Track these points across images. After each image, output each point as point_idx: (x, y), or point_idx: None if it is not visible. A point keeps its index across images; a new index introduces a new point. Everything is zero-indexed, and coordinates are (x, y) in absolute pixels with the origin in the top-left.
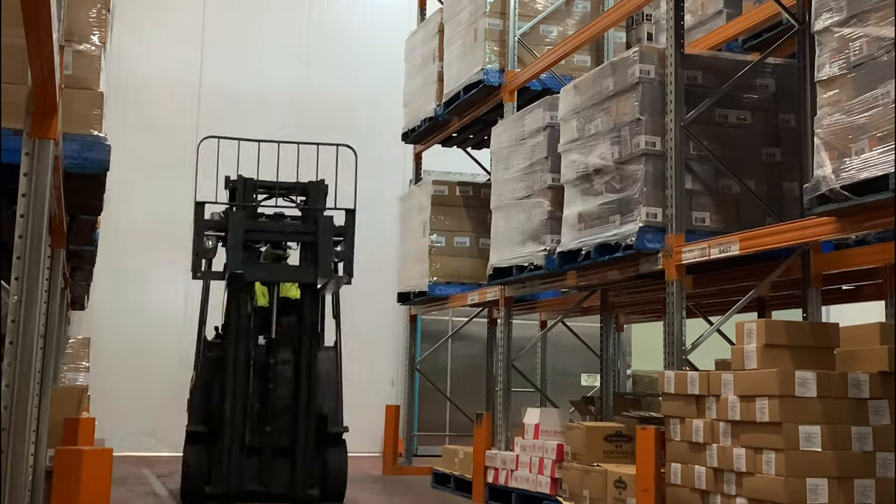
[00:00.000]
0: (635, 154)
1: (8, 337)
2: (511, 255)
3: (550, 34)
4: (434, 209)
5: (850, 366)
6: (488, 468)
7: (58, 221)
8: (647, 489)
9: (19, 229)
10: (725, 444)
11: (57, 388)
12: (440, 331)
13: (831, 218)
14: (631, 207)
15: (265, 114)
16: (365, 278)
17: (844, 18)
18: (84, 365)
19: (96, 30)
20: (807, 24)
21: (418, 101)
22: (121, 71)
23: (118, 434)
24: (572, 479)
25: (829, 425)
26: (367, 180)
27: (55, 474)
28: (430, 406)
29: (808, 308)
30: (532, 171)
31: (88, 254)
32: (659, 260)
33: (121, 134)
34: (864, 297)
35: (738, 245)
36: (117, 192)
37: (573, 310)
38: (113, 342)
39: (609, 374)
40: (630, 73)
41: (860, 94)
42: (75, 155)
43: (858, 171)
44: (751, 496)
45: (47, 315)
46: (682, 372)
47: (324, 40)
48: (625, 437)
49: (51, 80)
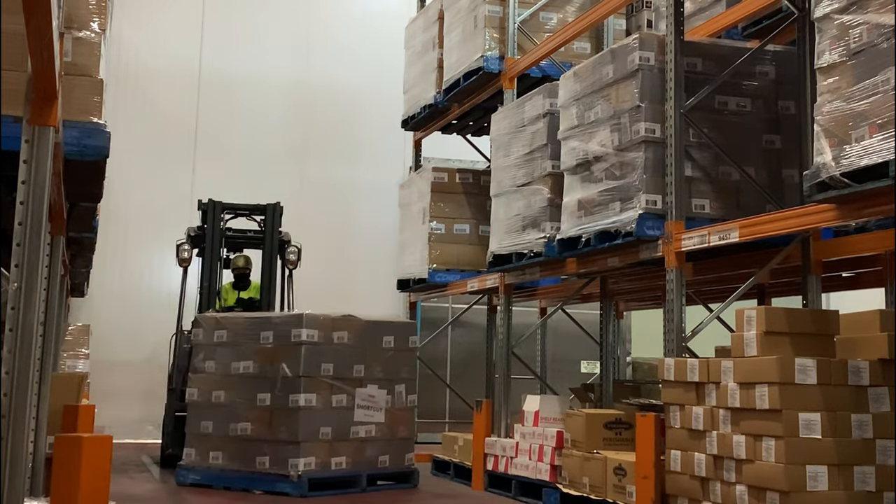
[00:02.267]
0: (635, 141)
1: (8, 324)
2: (511, 242)
3: (550, 21)
4: (434, 196)
5: (851, 353)
6: (488, 455)
7: (57, 209)
8: (647, 476)
9: (19, 216)
10: (725, 432)
11: (56, 375)
12: (440, 318)
13: (831, 205)
14: (631, 194)
15: (265, 101)
16: (364, 265)
17: (844, 5)
18: (84, 352)
19: (96, 17)
20: (807, 11)
21: (418, 87)
22: (121, 58)
23: (118, 421)
24: (572, 466)
25: (829, 412)
26: (367, 167)
27: (55, 461)
28: (430, 393)
29: (808, 295)
30: (532, 158)
31: (88, 241)
32: (659, 247)
33: (121, 121)
34: (864, 284)
35: (738, 232)
36: (117, 180)
37: (573, 297)
38: (113, 329)
39: (609, 361)
40: (630, 60)
41: (860, 82)
42: (75, 142)
43: (858, 158)
44: (751, 483)
45: (47, 302)
46: (682, 359)
47: (323, 27)
48: (624, 425)
49: (50, 67)
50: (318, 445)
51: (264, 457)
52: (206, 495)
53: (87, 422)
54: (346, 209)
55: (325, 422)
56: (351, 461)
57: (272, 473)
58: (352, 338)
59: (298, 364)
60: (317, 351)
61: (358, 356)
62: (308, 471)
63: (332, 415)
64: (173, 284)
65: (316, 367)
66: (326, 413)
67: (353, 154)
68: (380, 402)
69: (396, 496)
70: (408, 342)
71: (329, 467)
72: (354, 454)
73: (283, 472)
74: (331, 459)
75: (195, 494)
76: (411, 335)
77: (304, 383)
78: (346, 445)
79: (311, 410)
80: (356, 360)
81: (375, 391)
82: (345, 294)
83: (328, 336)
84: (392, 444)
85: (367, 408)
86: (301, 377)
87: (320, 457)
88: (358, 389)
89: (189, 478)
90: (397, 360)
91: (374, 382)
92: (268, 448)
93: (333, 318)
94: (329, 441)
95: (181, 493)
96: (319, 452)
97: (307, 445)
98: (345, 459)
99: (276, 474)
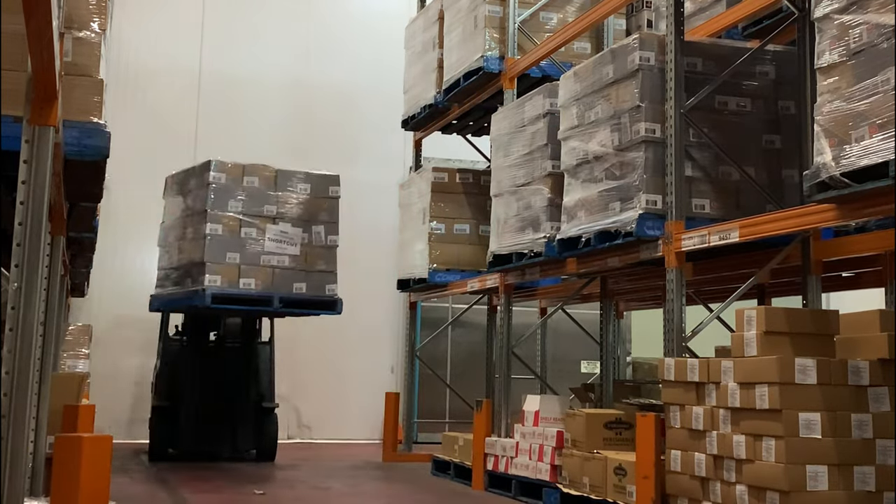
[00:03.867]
0: (635, 141)
1: (8, 324)
2: (511, 242)
3: (550, 21)
4: (434, 196)
5: (850, 353)
6: (488, 455)
7: (58, 208)
8: (647, 476)
9: (19, 216)
10: (725, 432)
11: (57, 375)
12: (440, 318)
13: (831, 205)
14: (631, 194)
15: (265, 101)
16: (365, 265)
17: (844, 5)
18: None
19: (96, 17)
20: (807, 11)
21: (418, 88)
22: (121, 58)
23: (118, 421)
24: (572, 466)
25: (829, 412)
26: (367, 167)
27: (55, 461)
28: (430, 393)
29: (807, 295)
30: (532, 158)
31: (88, 241)
32: (659, 247)
33: (121, 121)
34: (864, 284)
35: (738, 232)
36: (117, 180)
37: (573, 297)
38: (113, 329)
39: (609, 361)
40: (630, 60)
41: (860, 82)
42: (75, 142)
43: (858, 158)
44: (751, 483)
45: (47, 302)
46: (682, 359)
47: (324, 27)
48: (625, 425)
49: (51, 67)
50: (225, 268)
51: (188, 278)
52: (206, 494)
53: (87, 422)
54: (346, 209)
55: (232, 248)
56: (261, 283)
57: (189, 291)
58: (262, 182)
59: (206, 201)
60: (226, 189)
61: (270, 199)
62: (213, 286)
63: (239, 242)
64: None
65: (223, 204)
66: (234, 241)
67: (353, 154)
68: (294, 239)
69: (388, 488)
70: (328, 191)
71: (237, 286)
72: (265, 279)
73: (197, 288)
74: (239, 280)
75: (195, 494)
76: (332, 186)
77: (210, 216)
78: (256, 270)
79: (217, 238)
80: (267, 202)
81: (289, 228)
82: (345, 294)
83: (237, 180)
84: (310, 275)
85: (279, 241)
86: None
87: (227, 277)
88: (269, 226)
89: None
90: (314, 205)
91: (287, 221)
92: (191, 271)
93: (245, 165)
94: (237, 265)
95: (181, 493)
96: (227, 273)
97: (213, 266)
98: (254, 281)
99: (191, 291)
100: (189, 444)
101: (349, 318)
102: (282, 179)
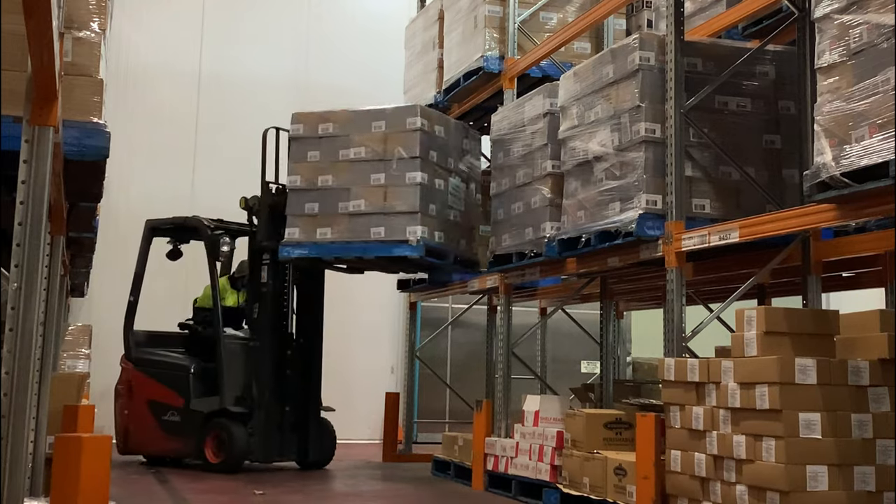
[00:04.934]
0: (635, 141)
1: (8, 324)
2: (511, 242)
3: (550, 21)
4: None
5: (850, 353)
6: (488, 455)
7: (57, 208)
8: (647, 476)
9: (19, 216)
10: (725, 432)
11: (56, 375)
12: (440, 318)
13: (831, 205)
14: (631, 194)
15: (265, 101)
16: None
17: (844, 5)
18: (84, 352)
19: (96, 17)
20: (807, 10)
21: (418, 88)
22: (120, 58)
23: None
24: (572, 466)
25: (829, 412)
26: None
27: (55, 461)
28: (430, 393)
29: (807, 295)
30: (532, 158)
31: (88, 241)
32: (659, 247)
33: (121, 121)
34: (864, 284)
35: (738, 232)
36: (117, 180)
37: (573, 297)
38: (113, 330)
39: (609, 361)
40: (630, 60)
41: (860, 82)
42: (75, 142)
43: (858, 158)
44: (751, 483)
45: (47, 302)
46: (682, 359)
47: (324, 27)
48: (625, 425)
49: (50, 67)
50: (428, 219)
51: (379, 228)
52: (206, 494)
53: (87, 422)
54: None
55: (432, 199)
56: (444, 238)
57: (389, 241)
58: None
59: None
60: (428, 138)
61: (452, 150)
62: (424, 237)
63: (436, 193)
64: (174, 284)
65: (426, 151)
66: (432, 191)
67: None
68: (461, 193)
69: (398, 491)
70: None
71: (434, 239)
72: (448, 231)
73: (402, 238)
74: (434, 233)
75: (195, 493)
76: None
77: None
78: (443, 223)
79: (423, 187)
80: (450, 153)
81: (458, 182)
82: (345, 293)
83: (432, 127)
84: (469, 232)
85: (454, 195)
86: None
87: (431, 228)
88: (449, 179)
89: (294, 252)
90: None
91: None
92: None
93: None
94: (434, 217)
95: (181, 492)
96: (429, 224)
97: (420, 216)
98: (444, 235)
99: (394, 241)
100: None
101: (349, 318)
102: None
